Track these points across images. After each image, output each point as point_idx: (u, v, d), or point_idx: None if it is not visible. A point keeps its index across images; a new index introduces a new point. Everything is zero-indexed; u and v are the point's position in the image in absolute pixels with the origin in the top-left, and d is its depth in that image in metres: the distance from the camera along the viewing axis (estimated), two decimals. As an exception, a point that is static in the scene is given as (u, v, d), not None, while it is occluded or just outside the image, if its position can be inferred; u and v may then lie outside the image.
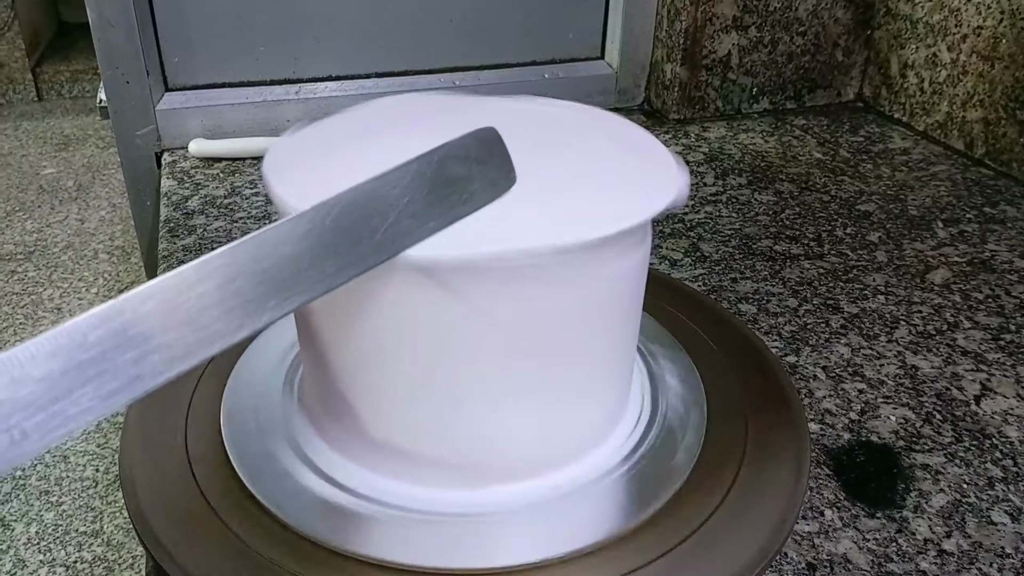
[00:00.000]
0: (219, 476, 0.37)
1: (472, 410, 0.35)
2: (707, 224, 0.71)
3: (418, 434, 0.36)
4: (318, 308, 0.35)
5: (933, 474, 0.45)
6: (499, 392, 0.35)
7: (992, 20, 0.79)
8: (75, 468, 1.47)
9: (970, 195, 0.76)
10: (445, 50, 0.89)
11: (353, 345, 0.35)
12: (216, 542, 0.34)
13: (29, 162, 2.41)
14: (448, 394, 0.34)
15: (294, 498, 0.36)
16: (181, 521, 0.35)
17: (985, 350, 0.55)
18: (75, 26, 3.06)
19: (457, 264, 0.31)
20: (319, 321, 0.36)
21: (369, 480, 0.37)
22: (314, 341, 0.37)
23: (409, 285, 0.32)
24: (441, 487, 0.36)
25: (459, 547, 0.34)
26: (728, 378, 0.45)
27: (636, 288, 0.38)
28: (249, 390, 0.42)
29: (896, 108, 0.92)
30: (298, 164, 0.36)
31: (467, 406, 0.35)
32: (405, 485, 0.36)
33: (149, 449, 0.39)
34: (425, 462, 0.36)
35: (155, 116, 0.80)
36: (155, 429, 0.40)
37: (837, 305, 0.60)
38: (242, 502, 0.36)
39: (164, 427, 0.40)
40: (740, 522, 0.36)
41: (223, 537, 0.34)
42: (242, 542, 0.34)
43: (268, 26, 0.82)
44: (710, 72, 0.90)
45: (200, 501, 0.36)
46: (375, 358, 0.34)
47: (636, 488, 0.38)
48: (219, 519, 0.35)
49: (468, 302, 0.32)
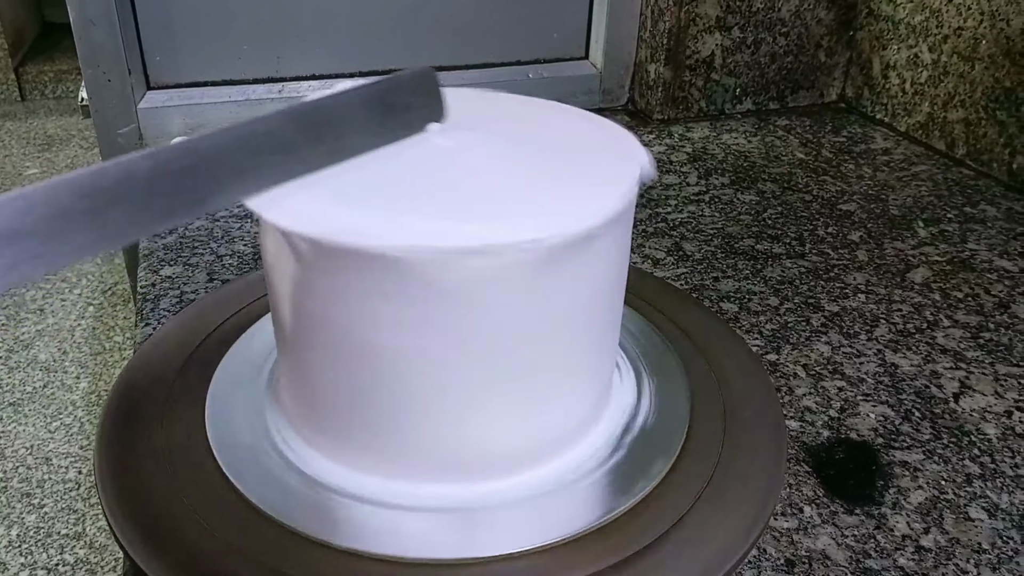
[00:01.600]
0: (199, 474, 0.37)
1: (452, 406, 0.35)
2: (690, 223, 0.71)
3: (398, 431, 0.36)
4: (294, 304, 0.35)
5: (912, 471, 0.46)
6: (479, 388, 0.35)
7: (972, 21, 0.79)
8: (57, 470, 1.46)
9: (951, 195, 0.77)
10: (429, 49, 0.89)
11: (330, 343, 0.34)
12: (196, 540, 0.34)
13: (12, 163, 2.39)
14: (427, 391, 0.34)
15: (278, 493, 0.36)
16: (159, 521, 0.35)
17: (964, 348, 0.56)
18: (59, 26, 3.04)
19: (434, 256, 0.31)
20: (295, 318, 0.35)
21: (351, 477, 0.37)
22: (291, 339, 0.37)
23: (384, 279, 0.31)
24: (423, 482, 0.36)
25: (439, 539, 0.34)
26: (708, 375, 0.45)
27: (617, 282, 0.38)
28: (230, 390, 0.42)
29: (878, 109, 0.92)
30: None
31: (447, 403, 0.35)
32: (386, 481, 0.36)
33: (125, 448, 0.39)
34: (405, 458, 0.36)
35: (137, 115, 0.80)
36: (132, 429, 0.40)
37: (818, 304, 0.60)
38: (224, 499, 0.36)
39: (140, 428, 0.40)
40: (717, 517, 0.36)
41: (204, 535, 0.34)
42: (225, 540, 0.34)
43: (251, 24, 0.82)
44: (694, 72, 0.90)
45: (179, 500, 0.36)
46: (353, 355, 0.34)
47: (615, 483, 0.38)
48: (199, 518, 0.35)
49: (445, 296, 0.32)
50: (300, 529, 0.34)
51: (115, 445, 0.39)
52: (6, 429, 1.41)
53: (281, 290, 0.36)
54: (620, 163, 0.37)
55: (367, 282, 0.32)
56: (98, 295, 1.50)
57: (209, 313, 0.48)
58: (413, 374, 0.34)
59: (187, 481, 0.37)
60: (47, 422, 1.55)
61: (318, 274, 0.33)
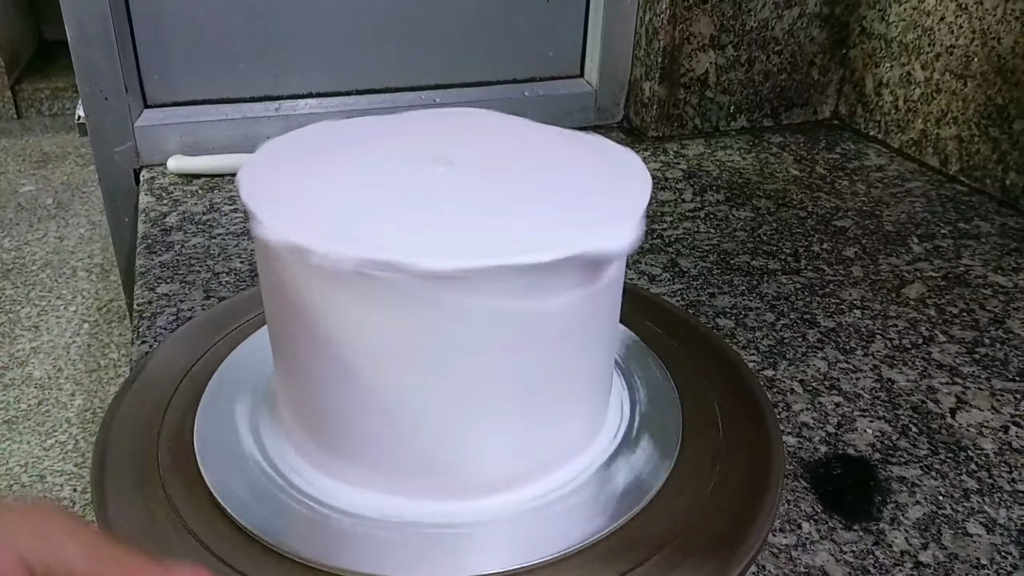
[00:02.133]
0: (189, 490, 0.37)
1: (446, 423, 0.35)
2: (685, 240, 0.71)
3: (393, 447, 0.36)
4: (291, 320, 0.35)
5: (909, 486, 0.46)
6: (475, 405, 0.35)
7: (964, 39, 0.80)
8: (52, 488, 1.45)
9: (944, 211, 0.77)
10: (426, 68, 0.89)
11: (329, 359, 0.34)
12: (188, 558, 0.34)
13: (8, 180, 2.39)
14: (422, 406, 0.34)
15: (272, 514, 0.36)
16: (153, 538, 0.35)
17: (960, 363, 0.56)
18: (56, 44, 3.05)
19: (436, 275, 0.31)
20: (292, 334, 0.35)
21: (347, 494, 0.37)
22: (288, 356, 0.37)
23: (386, 296, 0.32)
24: (416, 499, 0.36)
25: (430, 558, 0.34)
26: (704, 391, 0.46)
27: (612, 302, 0.38)
28: (224, 404, 0.42)
29: (871, 126, 0.93)
30: (272, 179, 0.36)
31: (441, 419, 0.35)
32: (381, 497, 0.36)
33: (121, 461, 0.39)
34: (400, 475, 0.36)
35: (134, 133, 0.80)
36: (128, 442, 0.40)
37: (814, 319, 0.60)
38: (216, 520, 0.36)
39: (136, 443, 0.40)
40: (712, 533, 0.36)
41: (195, 554, 0.34)
42: (216, 557, 0.34)
43: (248, 43, 0.82)
44: (688, 90, 0.90)
45: (173, 517, 0.36)
46: (350, 372, 0.34)
47: (610, 499, 0.38)
48: (191, 534, 0.35)
49: (446, 315, 0.32)
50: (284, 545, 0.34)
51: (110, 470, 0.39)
52: (1, 447, 1.40)
53: (278, 305, 0.36)
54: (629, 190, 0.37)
55: (365, 296, 0.32)
56: (93, 312, 1.50)
57: (206, 331, 0.48)
58: (408, 389, 0.34)
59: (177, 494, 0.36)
60: (42, 440, 1.55)
61: (315, 288, 0.33)
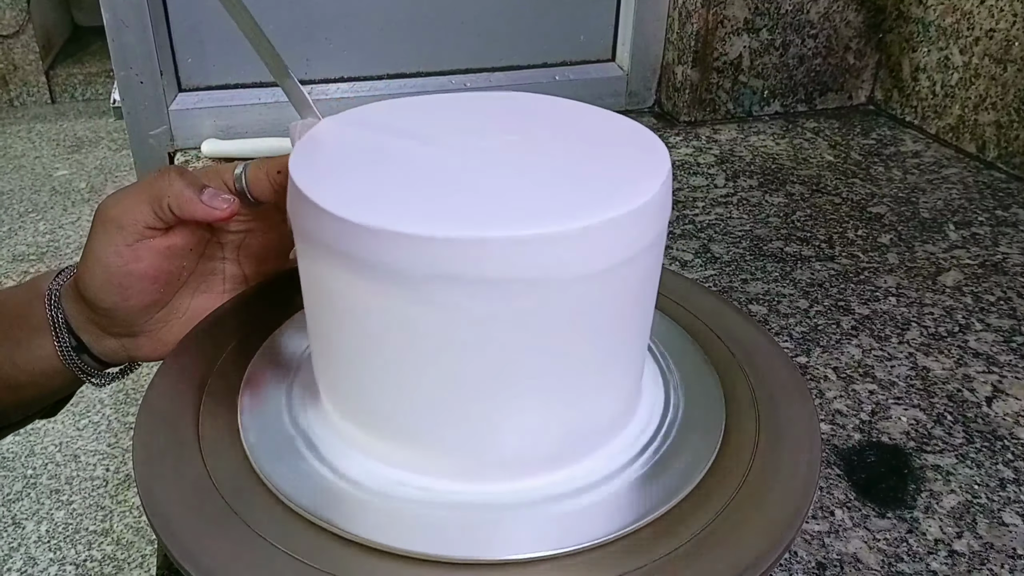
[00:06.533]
0: (231, 466, 0.37)
1: (482, 404, 0.35)
2: (718, 225, 0.71)
3: (428, 427, 0.36)
4: (328, 301, 0.35)
5: (944, 475, 0.45)
6: (509, 386, 0.35)
7: (1005, 23, 0.78)
8: (86, 467, 1.48)
9: (982, 198, 0.76)
10: (457, 52, 0.89)
11: (366, 342, 0.35)
12: (227, 533, 0.34)
13: (42, 164, 2.43)
14: (458, 388, 0.34)
15: (307, 488, 0.36)
16: (194, 513, 0.35)
17: (997, 352, 0.55)
18: (89, 30, 3.09)
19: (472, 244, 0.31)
20: (330, 315, 0.36)
21: (381, 472, 0.37)
22: (326, 336, 0.37)
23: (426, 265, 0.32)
24: (449, 479, 0.36)
25: (461, 538, 0.34)
26: (740, 377, 0.45)
27: (649, 282, 0.38)
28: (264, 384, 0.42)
29: (908, 111, 0.91)
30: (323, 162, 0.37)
31: (477, 400, 0.35)
32: (416, 476, 0.37)
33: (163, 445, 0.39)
34: (435, 455, 0.36)
35: (168, 116, 0.81)
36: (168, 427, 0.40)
37: (848, 306, 0.60)
38: (256, 494, 0.36)
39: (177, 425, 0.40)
40: (749, 520, 0.36)
41: (235, 528, 0.34)
42: (256, 533, 0.34)
43: (280, 27, 0.83)
44: (721, 74, 0.90)
45: (213, 493, 0.36)
46: (387, 354, 0.34)
47: (646, 485, 0.37)
48: (231, 509, 0.35)
49: (479, 291, 0.32)
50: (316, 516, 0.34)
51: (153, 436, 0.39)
52: (36, 427, 1.42)
53: (315, 280, 0.36)
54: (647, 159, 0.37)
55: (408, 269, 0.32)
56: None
57: (243, 309, 0.49)
58: (445, 368, 0.34)
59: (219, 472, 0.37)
60: (76, 420, 1.57)
61: (355, 262, 0.33)
